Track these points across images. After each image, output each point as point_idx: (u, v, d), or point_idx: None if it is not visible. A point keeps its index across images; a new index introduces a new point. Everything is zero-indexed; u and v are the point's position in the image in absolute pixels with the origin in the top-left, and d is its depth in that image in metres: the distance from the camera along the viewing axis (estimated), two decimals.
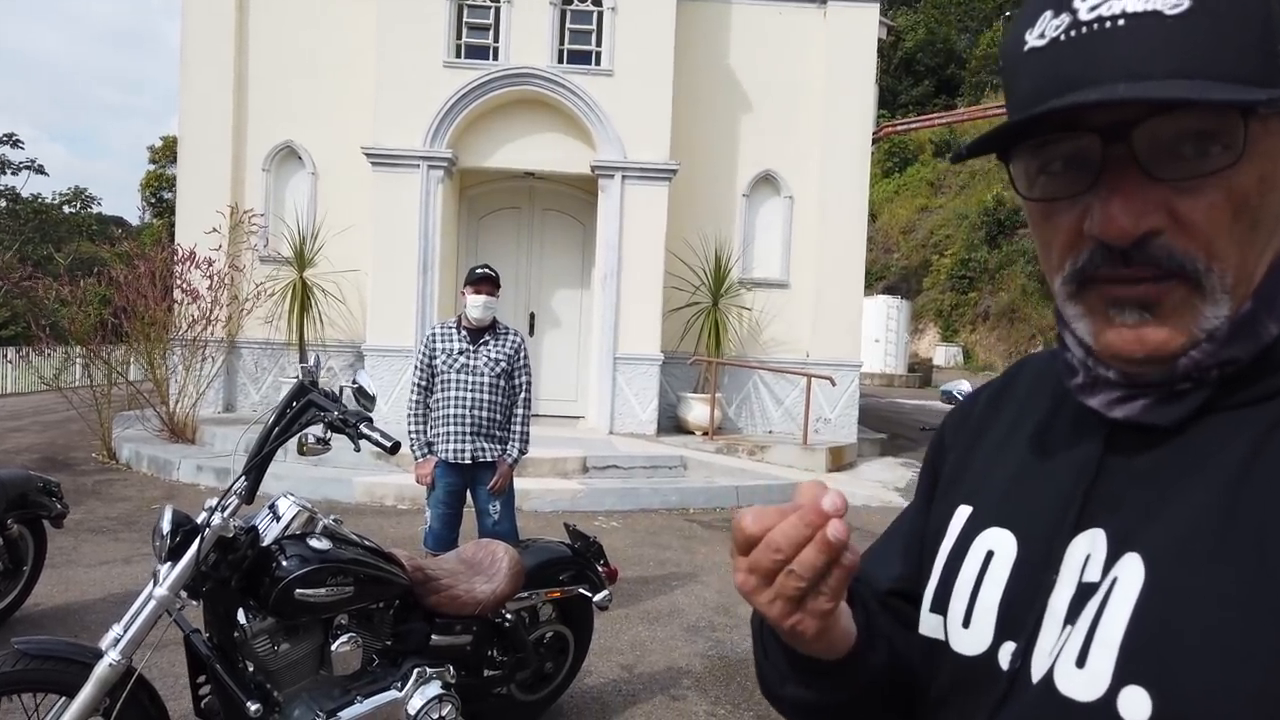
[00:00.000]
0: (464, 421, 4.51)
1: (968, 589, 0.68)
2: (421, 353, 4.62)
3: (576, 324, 11.37)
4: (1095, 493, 0.61)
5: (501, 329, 4.67)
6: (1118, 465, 0.61)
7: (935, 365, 25.79)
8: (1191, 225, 0.56)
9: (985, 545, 0.68)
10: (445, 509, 4.58)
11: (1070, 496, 0.62)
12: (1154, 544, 0.56)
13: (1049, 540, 0.63)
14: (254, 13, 10.98)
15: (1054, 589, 0.61)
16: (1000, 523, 0.68)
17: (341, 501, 7.84)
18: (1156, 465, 0.59)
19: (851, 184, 11.12)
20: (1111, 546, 0.58)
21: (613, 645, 4.72)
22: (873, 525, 8.05)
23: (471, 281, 4.54)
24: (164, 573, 2.55)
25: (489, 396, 4.54)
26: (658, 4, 10.32)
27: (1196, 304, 0.58)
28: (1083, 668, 0.56)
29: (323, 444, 2.71)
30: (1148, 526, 0.57)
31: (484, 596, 3.17)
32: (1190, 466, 0.57)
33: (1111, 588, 0.56)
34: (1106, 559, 0.58)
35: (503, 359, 4.57)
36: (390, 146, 10.16)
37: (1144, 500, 0.58)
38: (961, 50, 41.31)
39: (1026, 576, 0.64)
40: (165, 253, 10.31)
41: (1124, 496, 0.60)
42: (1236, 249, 0.57)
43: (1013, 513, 0.68)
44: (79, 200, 30.63)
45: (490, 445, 4.57)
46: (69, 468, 9.01)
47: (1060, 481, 0.64)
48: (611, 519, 7.79)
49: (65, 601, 5.07)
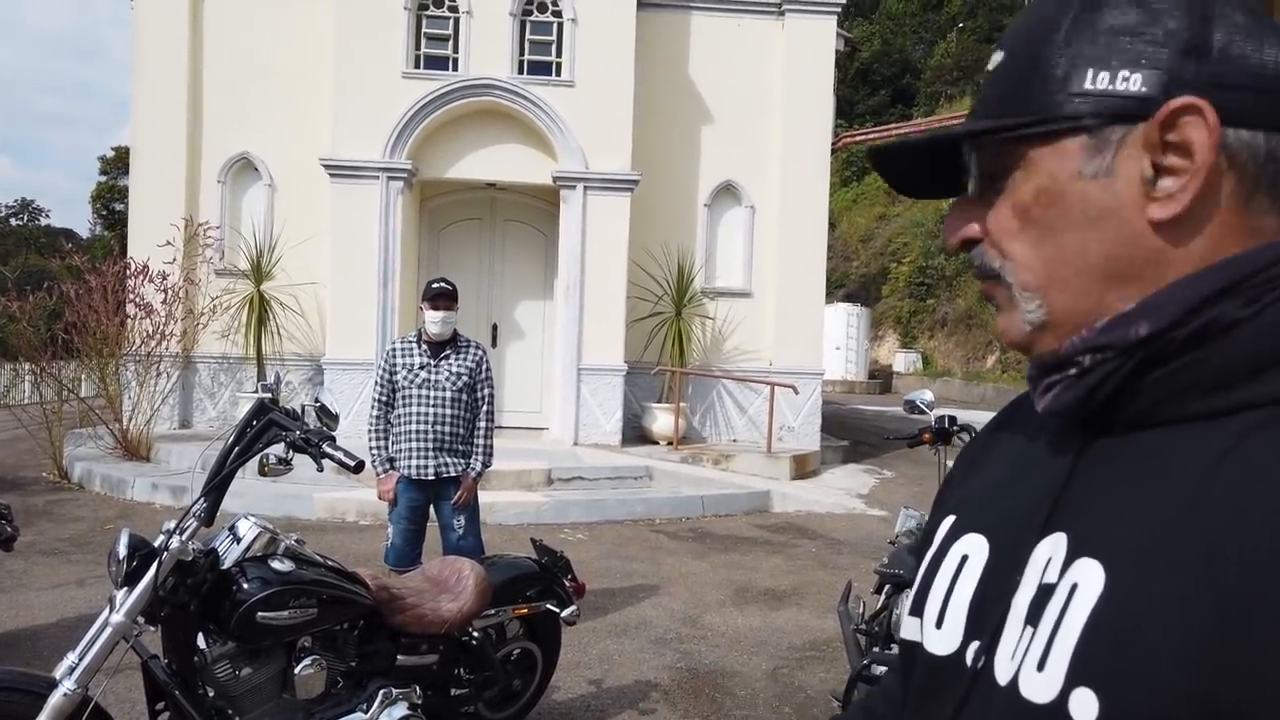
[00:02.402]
0: (426, 437, 4.47)
1: (943, 591, 0.72)
2: (382, 368, 4.57)
3: (540, 335, 11.33)
4: (1064, 499, 0.64)
5: (463, 342, 4.63)
6: (1088, 473, 0.64)
7: (895, 371, 26.06)
8: (990, 235, 0.68)
9: (961, 550, 0.72)
10: (408, 525, 4.53)
11: (1040, 502, 0.65)
12: (1112, 549, 0.58)
13: (1017, 544, 0.65)
14: (208, 22, 10.82)
15: (1017, 590, 0.63)
16: (977, 529, 0.71)
17: (302, 518, 7.72)
18: (1125, 473, 0.61)
19: (811, 193, 11.22)
20: (1070, 549, 0.61)
21: (581, 660, 4.69)
22: (838, 533, 8.11)
23: (429, 297, 4.49)
24: (120, 598, 2.49)
25: (451, 411, 4.51)
26: (617, 15, 10.34)
27: (1015, 300, 0.67)
28: (1042, 671, 0.59)
29: (285, 464, 2.66)
30: (1108, 532, 0.59)
31: (450, 615, 3.14)
32: (1156, 475, 0.59)
33: (1072, 592, 0.59)
34: (1064, 561, 0.60)
35: (464, 373, 4.54)
36: (349, 158, 10.06)
37: (1108, 507, 0.61)
38: (917, 61, 41.97)
39: (994, 578, 0.67)
40: (117, 267, 10.10)
41: (1090, 503, 0.62)
42: (1032, 253, 0.66)
43: (989, 519, 0.71)
44: (26, 212, 29.97)
45: (454, 460, 4.54)
46: (19, 488, 8.77)
47: (1034, 489, 0.67)
48: (577, 531, 7.76)
49: (16, 627, 4.93)
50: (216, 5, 10.83)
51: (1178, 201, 0.60)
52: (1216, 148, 0.59)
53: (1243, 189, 0.61)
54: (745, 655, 4.93)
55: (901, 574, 3.73)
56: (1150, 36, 0.61)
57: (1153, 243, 0.62)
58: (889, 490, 10.13)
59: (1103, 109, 0.62)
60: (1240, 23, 0.61)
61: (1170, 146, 0.60)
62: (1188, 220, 0.61)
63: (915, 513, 4.39)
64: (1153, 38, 0.61)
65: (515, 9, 10.32)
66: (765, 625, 5.44)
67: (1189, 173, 0.60)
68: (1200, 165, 0.59)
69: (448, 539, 4.55)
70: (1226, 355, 0.59)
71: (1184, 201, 0.60)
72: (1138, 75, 0.61)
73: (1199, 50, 0.60)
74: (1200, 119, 0.59)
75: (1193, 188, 0.60)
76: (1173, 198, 0.60)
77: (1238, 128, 0.60)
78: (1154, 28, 0.61)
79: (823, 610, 5.67)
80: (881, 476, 10.87)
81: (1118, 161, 0.62)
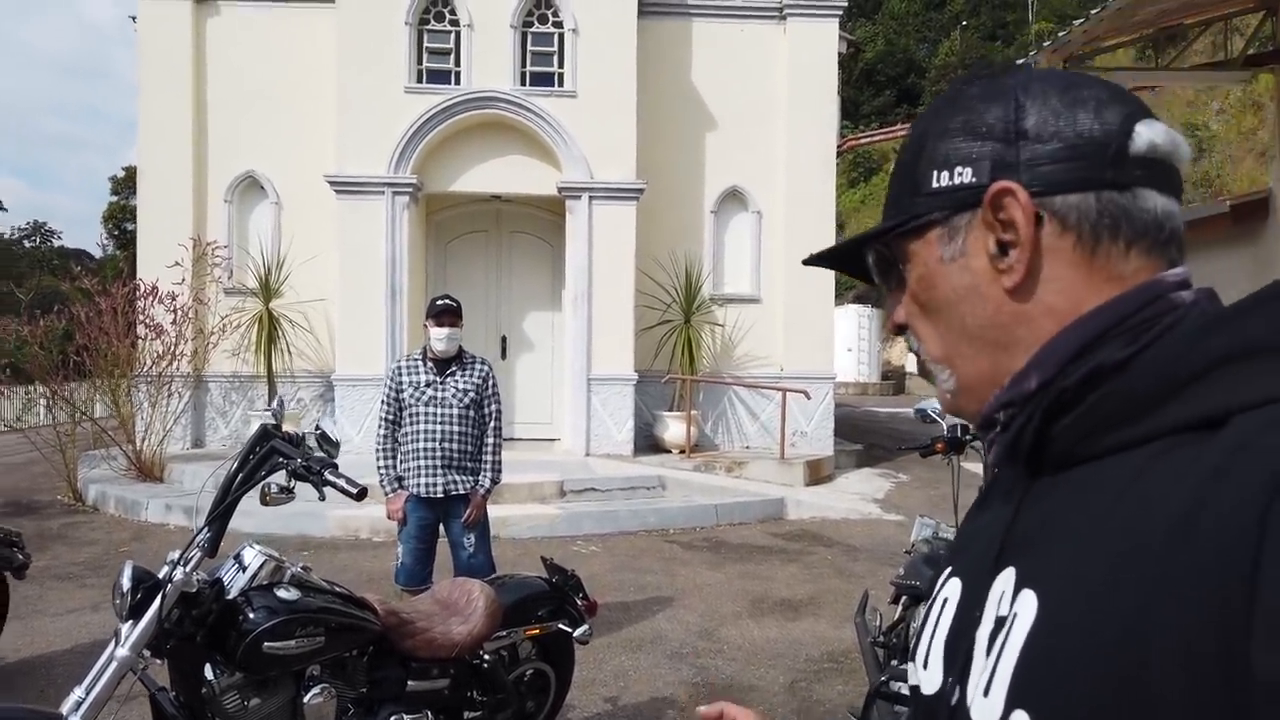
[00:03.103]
0: (434, 455, 4.44)
1: (929, 634, 0.77)
2: (388, 386, 4.55)
3: (549, 346, 11.30)
4: (1011, 535, 0.69)
5: (468, 358, 4.60)
6: (1029, 510, 0.69)
7: (908, 372, 25.94)
8: (907, 320, 0.78)
9: (944, 594, 0.77)
10: (418, 544, 4.50)
11: (994, 540, 0.70)
12: (1045, 580, 0.62)
13: (978, 581, 0.70)
14: (212, 42, 10.88)
15: (979, 624, 0.68)
16: (955, 572, 0.78)
17: (316, 536, 7.71)
18: (1055, 508, 0.66)
19: (818, 197, 11.17)
20: (1016, 583, 0.65)
21: (595, 677, 4.64)
22: (855, 539, 8.04)
23: (433, 315, 4.47)
24: (125, 631, 2.46)
25: (459, 428, 4.48)
26: (618, 23, 10.33)
27: (933, 372, 0.77)
28: (987, 696, 0.63)
29: (286, 493, 2.63)
30: (1042, 564, 0.64)
31: (460, 638, 3.10)
32: (1076, 508, 0.64)
33: (1013, 622, 0.63)
34: (1012, 595, 0.65)
35: (471, 389, 4.51)
36: (354, 174, 10.08)
37: (1042, 541, 0.65)
38: (921, 60, 41.87)
39: (962, 615, 0.72)
40: (127, 288, 10.13)
41: (1033, 537, 0.67)
42: (930, 331, 0.76)
43: (963, 561, 0.77)
44: (39, 234, 30.17)
45: (462, 478, 4.50)
46: (34, 511, 8.80)
47: (992, 528, 0.72)
48: (590, 543, 7.71)
49: (31, 655, 4.92)
50: (219, 25, 10.89)
51: (1016, 271, 0.69)
52: (1033, 219, 0.68)
53: (1085, 245, 0.68)
54: (762, 668, 4.88)
55: (918, 585, 3.67)
56: (975, 134, 0.71)
57: (1014, 308, 0.70)
58: (905, 494, 10.05)
59: (947, 203, 0.72)
60: (1053, 104, 0.69)
61: (1004, 224, 0.69)
62: (1038, 283, 0.69)
63: (930, 521, 4.33)
64: (977, 135, 0.71)
65: (516, 20, 10.32)
66: (782, 637, 5.39)
67: (1019, 244, 0.68)
68: (1024, 237, 0.68)
69: (458, 557, 4.51)
70: (1121, 393, 0.64)
71: (1021, 270, 0.69)
72: (969, 169, 0.71)
73: (1015, 136, 0.69)
74: (1014, 198, 0.68)
75: (1024, 256, 0.68)
76: (1012, 268, 0.69)
77: (1065, 193, 0.68)
78: (979, 127, 0.71)
79: (840, 620, 5.61)
80: (897, 480, 10.78)
81: (968, 244, 0.72)
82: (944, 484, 10.22)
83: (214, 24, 10.89)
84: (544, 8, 10.50)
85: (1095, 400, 0.65)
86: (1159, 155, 0.68)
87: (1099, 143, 0.68)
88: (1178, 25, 10.14)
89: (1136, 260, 0.68)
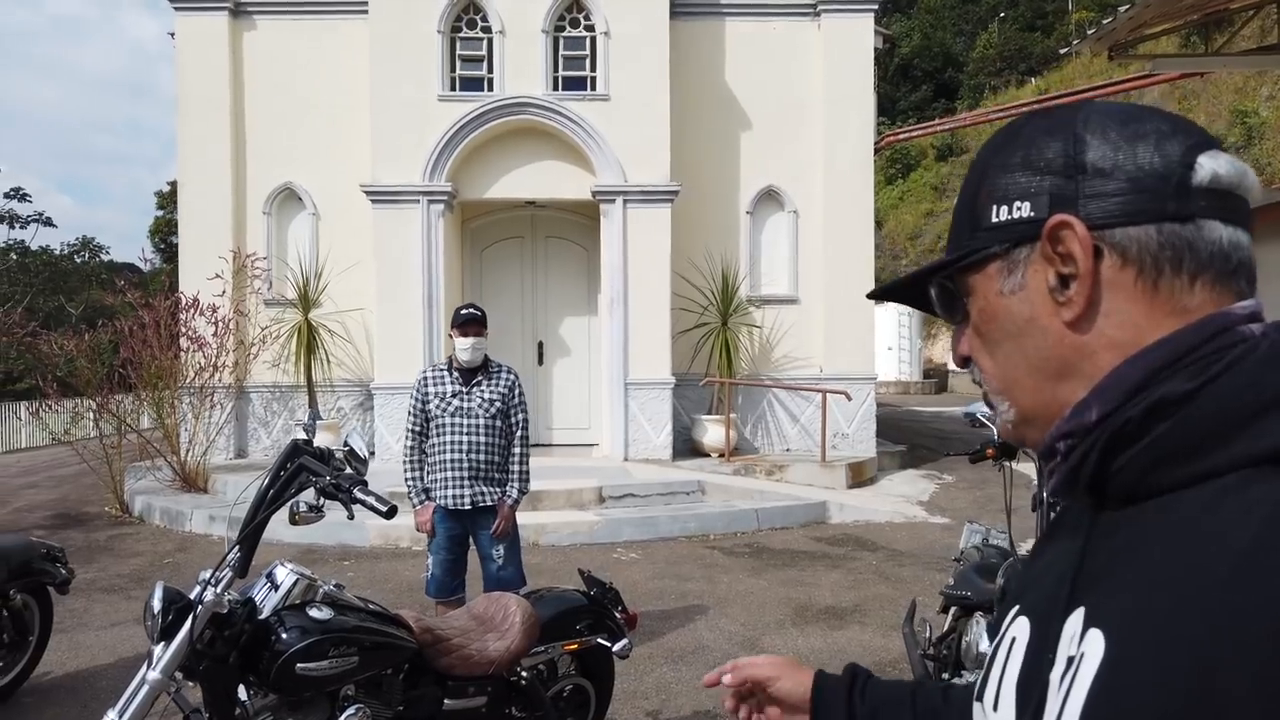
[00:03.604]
0: (461, 466, 4.38)
1: (997, 675, 0.76)
2: (414, 398, 4.49)
3: (586, 351, 11.25)
4: (1081, 573, 0.68)
5: (494, 367, 4.55)
6: (1100, 546, 0.68)
7: (950, 370, 25.56)
8: (971, 352, 0.79)
9: (1011, 634, 0.76)
10: (447, 555, 4.45)
11: (1063, 579, 0.69)
12: (1112, 618, 0.62)
13: (1049, 622, 0.69)
14: (249, 56, 10.99)
15: (1052, 667, 0.66)
16: (1023, 611, 0.76)
17: (356, 545, 7.73)
18: (1121, 545, 0.66)
19: (855, 195, 11.00)
20: (1084, 622, 0.64)
21: (636, 689, 4.56)
22: (899, 543, 7.88)
23: (457, 324, 4.43)
24: (158, 653, 2.42)
25: (486, 439, 4.41)
26: (650, 25, 10.26)
27: (994, 403, 0.78)
28: None
29: (316, 511, 2.58)
30: (1110, 603, 0.63)
31: (497, 654, 3.03)
32: (1142, 544, 0.63)
33: (1080, 662, 0.62)
34: (1080, 634, 0.64)
35: (497, 399, 4.45)
36: (389, 183, 10.11)
37: (1110, 577, 0.65)
38: (958, 53, 41.25)
39: (1033, 657, 0.71)
40: (169, 301, 10.27)
41: (1100, 575, 0.66)
42: (991, 363, 0.77)
43: (1031, 600, 0.76)
44: (87, 250, 30.79)
45: (490, 489, 4.43)
46: (82, 524, 8.94)
47: (1059, 568, 0.72)
48: (630, 550, 7.63)
49: (75, 669, 4.95)
50: (255, 39, 11.00)
51: (1076, 304, 0.69)
52: (1091, 252, 0.68)
53: (1148, 278, 0.67)
54: None
55: (969, 596, 3.54)
56: (1034, 169, 0.71)
57: (1074, 340, 0.70)
58: (950, 496, 9.84)
59: (1006, 236, 0.73)
60: (1113, 138, 0.69)
61: (1063, 257, 0.69)
62: (1099, 315, 0.69)
63: (980, 527, 4.19)
64: (1036, 169, 0.71)
65: (547, 25, 10.30)
66: (827, 647, 5.26)
67: (1078, 277, 0.68)
68: (1083, 270, 0.68)
69: (488, 570, 4.46)
70: (1186, 427, 0.63)
71: (1080, 303, 0.69)
72: (1027, 203, 0.71)
73: (1075, 170, 0.69)
74: (1071, 231, 0.68)
75: (1084, 289, 0.68)
76: (1071, 300, 0.69)
77: (1125, 226, 0.67)
78: (1038, 162, 0.71)
79: (887, 628, 5.47)
80: (941, 481, 10.57)
81: (1028, 277, 0.72)
82: (990, 485, 10.04)
83: (250, 38, 11.01)
84: (575, 11, 10.46)
85: (1160, 433, 0.64)
86: (1223, 186, 0.67)
87: (1160, 175, 0.67)
88: (1224, 10, 9.84)
89: (1202, 293, 0.68)
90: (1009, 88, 34.31)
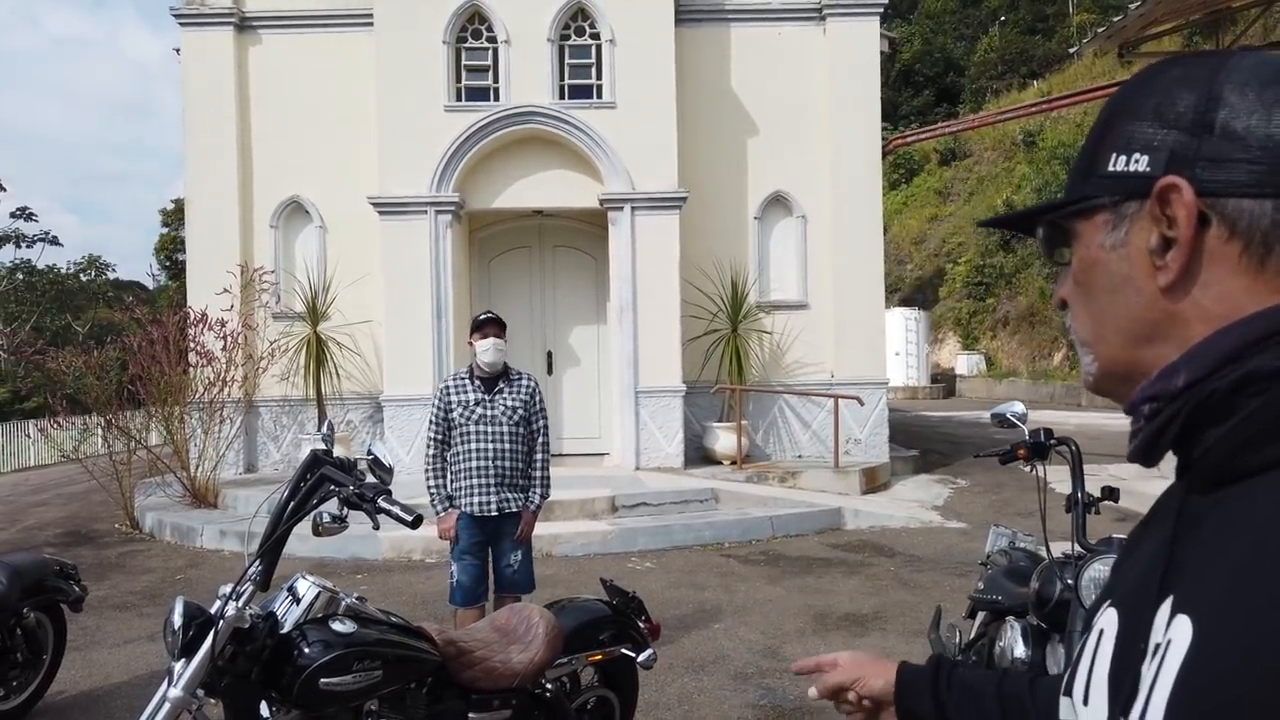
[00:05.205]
0: (488, 473, 4.39)
1: (1086, 668, 0.74)
2: (436, 406, 4.52)
3: (595, 360, 11.20)
4: (1171, 562, 0.66)
5: (514, 374, 4.60)
6: (1187, 533, 0.66)
7: (959, 374, 25.41)
8: (1066, 297, 0.78)
9: (1100, 626, 0.74)
10: (472, 561, 4.48)
11: (1154, 569, 0.67)
12: (1201, 605, 0.60)
13: (1140, 612, 0.67)
14: (254, 71, 10.99)
15: (1145, 658, 0.64)
16: (1113, 603, 0.74)
17: (369, 559, 7.67)
18: (1211, 528, 0.63)
19: (864, 199, 10.95)
20: (1173, 609, 0.62)
21: (659, 700, 4.49)
22: (916, 548, 7.79)
23: (477, 328, 4.49)
24: (178, 670, 2.36)
25: (510, 445, 4.45)
26: (656, 32, 10.24)
27: (1080, 352, 0.77)
28: None
29: (339, 522, 2.52)
30: (1198, 588, 0.61)
31: (521, 666, 2.97)
32: (1233, 526, 0.61)
33: (1167, 649, 0.60)
34: (1167, 621, 0.62)
35: (519, 406, 4.49)
36: (396, 194, 10.09)
37: (1199, 563, 0.63)
38: (959, 58, 41.24)
39: (1125, 649, 0.69)
40: (178, 317, 10.25)
41: (1187, 562, 0.64)
42: (1083, 313, 0.75)
43: (1121, 592, 0.74)
44: (93, 268, 30.86)
45: (514, 494, 4.48)
46: (92, 541, 8.89)
47: (1149, 558, 0.70)
48: (645, 559, 7.56)
49: (90, 687, 4.90)
50: (260, 53, 11.00)
51: (1170, 270, 0.67)
52: (1195, 219, 0.64)
53: (1254, 253, 0.64)
54: None
55: (999, 600, 3.47)
56: (1162, 120, 0.67)
57: (1165, 306, 0.68)
58: (965, 500, 9.76)
59: (1118, 188, 0.70)
60: (1250, 99, 0.64)
61: (1169, 220, 0.66)
62: (1196, 285, 0.66)
63: (1006, 531, 4.12)
64: (1164, 121, 0.67)
65: (553, 34, 10.28)
66: None
67: (1178, 244, 0.66)
68: (1183, 238, 0.65)
69: (501, 573, 4.54)
70: (1277, 403, 0.61)
71: (1175, 270, 0.66)
72: (1145, 156, 0.68)
73: (1201, 129, 0.65)
74: (1179, 195, 0.65)
75: (1181, 257, 0.66)
76: (1167, 266, 0.67)
77: (1240, 198, 0.64)
78: (1167, 113, 0.67)
79: (909, 634, 5.40)
80: (955, 486, 10.48)
81: (1131, 234, 0.70)
82: (1005, 489, 9.96)
83: (255, 52, 11.01)
84: (581, 20, 10.45)
85: (1254, 409, 0.62)
86: None
87: None
88: (1228, 8, 9.82)
89: None
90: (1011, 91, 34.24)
